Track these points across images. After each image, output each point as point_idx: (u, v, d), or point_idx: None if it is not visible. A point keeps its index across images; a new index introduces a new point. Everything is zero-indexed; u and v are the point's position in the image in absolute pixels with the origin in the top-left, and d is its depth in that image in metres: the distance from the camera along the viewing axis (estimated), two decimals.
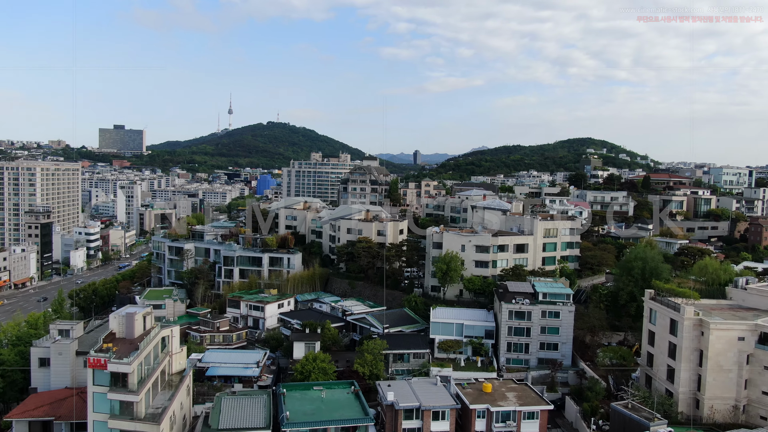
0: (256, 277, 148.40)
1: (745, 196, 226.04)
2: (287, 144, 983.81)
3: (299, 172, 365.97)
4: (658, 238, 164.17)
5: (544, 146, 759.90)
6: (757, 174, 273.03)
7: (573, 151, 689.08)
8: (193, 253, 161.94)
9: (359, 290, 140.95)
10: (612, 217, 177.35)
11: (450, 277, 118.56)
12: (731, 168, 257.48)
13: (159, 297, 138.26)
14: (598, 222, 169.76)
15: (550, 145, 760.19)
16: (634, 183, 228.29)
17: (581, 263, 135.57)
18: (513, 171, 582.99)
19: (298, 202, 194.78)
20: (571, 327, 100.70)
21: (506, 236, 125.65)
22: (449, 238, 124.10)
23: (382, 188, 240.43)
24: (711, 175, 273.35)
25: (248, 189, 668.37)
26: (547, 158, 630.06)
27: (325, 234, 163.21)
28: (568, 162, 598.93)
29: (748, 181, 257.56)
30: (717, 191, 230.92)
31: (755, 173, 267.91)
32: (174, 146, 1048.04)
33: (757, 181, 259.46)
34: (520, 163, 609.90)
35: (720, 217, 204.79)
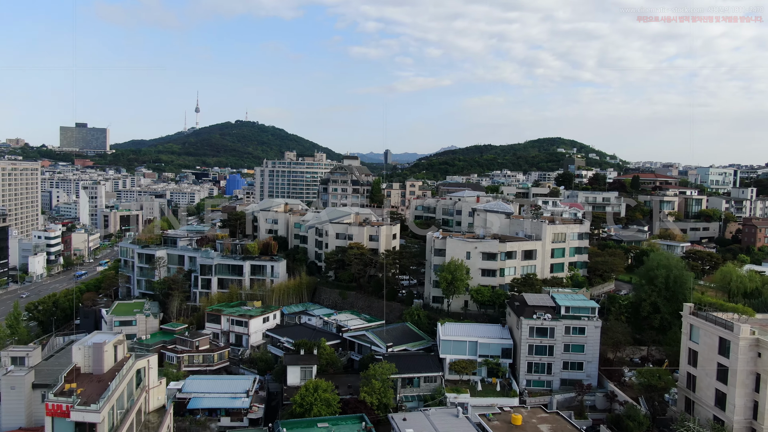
0: (236, 288, 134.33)
1: (732, 196, 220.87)
2: (256, 143, 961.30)
3: (273, 171, 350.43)
4: (659, 241, 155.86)
5: (514, 146, 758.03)
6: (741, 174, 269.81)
7: (543, 151, 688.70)
8: (166, 261, 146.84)
9: (351, 301, 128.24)
10: (612, 220, 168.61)
11: (455, 287, 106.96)
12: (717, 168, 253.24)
13: (129, 311, 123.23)
14: (597, 224, 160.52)
15: (520, 145, 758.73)
16: (623, 183, 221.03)
17: (589, 270, 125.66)
18: (486, 170, 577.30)
19: (278, 203, 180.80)
20: (597, 344, 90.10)
21: (514, 242, 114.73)
22: (453, 245, 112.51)
23: (364, 189, 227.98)
24: (698, 174, 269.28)
25: (217, 189, 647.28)
26: (519, 157, 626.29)
27: (311, 239, 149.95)
28: (541, 161, 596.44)
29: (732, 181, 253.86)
30: (704, 191, 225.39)
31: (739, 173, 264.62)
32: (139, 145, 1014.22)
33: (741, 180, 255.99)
34: (493, 162, 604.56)
35: (711, 218, 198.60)
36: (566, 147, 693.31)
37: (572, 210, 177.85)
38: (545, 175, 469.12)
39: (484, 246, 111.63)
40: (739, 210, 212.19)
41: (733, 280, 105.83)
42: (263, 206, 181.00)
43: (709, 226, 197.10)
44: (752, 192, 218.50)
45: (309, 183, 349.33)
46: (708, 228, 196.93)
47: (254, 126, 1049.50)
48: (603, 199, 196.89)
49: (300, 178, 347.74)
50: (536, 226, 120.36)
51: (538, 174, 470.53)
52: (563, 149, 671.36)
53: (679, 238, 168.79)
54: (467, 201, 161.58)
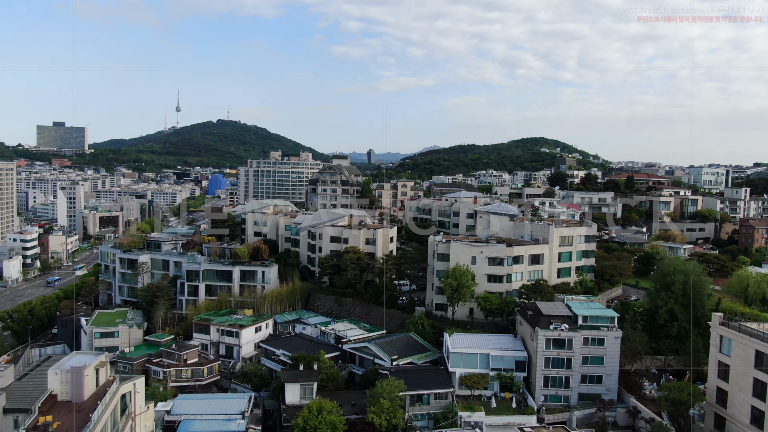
0: (225, 295, 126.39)
1: (726, 197, 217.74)
2: (238, 142, 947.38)
3: (258, 171, 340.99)
4: (661, 243, 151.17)
5: (498, 145, 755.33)
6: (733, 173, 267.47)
7: (527, 150, 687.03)
8: (149, 267, 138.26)
9: (348, 308, 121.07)
10: (612, 221, 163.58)
11: (461, 294, 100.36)
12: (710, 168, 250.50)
13: (110, 322, 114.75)
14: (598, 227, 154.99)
15: (504, 144, 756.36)
16: (617, 183, 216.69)
17: (596, 274, 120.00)
18: (471, 170, 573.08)
19: (267, 205, 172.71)
20: (617, 356, 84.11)
21: (521, 246, 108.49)
22: (458, 249, 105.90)
23: (353, 189, 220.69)
24: (690, 174, 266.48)
25: (199, 189, 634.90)
26: (503, 157, 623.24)
27: (303, 242, 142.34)
28: (525, 161, 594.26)
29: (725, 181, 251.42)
30: (698, 191, 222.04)
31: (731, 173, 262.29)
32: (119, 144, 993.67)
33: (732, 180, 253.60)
34: (477, 162, 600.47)
35: (707, 219, 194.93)
36: (550, 147, 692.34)
37: (570, 211, 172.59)
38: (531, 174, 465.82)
39: (490, 250, 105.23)
40: (734, 210, 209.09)
41: (750, 284, 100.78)
42: (251, 208, 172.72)
43: (705, 227, 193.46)
44: (746, 192, 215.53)
45: (295, 183, 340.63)
46: (704, 229, 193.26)
47: (236, 125, 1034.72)
48: (599, 200, 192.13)
49: (285, 178, 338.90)
50: (542, 229, 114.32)
51: (525, 174, 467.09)
52: (547, 149, 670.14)
53: (680, 240, 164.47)
54: (464, 202, 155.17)
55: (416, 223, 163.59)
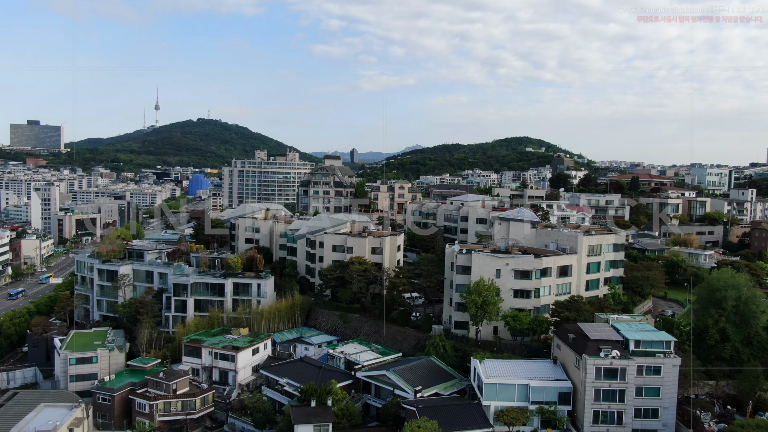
0: (217, 311, 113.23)
1: (732, 198, 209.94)
2: (219, 142, 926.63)
3: (242, 172, 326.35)
4: (683, 249, 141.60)
5: (482, 144, 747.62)
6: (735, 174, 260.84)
7: (512, 150, 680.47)
8: (131, 279, 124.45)
9: (354, 326, 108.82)
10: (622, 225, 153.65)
11: (487, 312, 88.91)
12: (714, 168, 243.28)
13: (88, 344, 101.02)
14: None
15: (488, 144, 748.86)
16: (620, 184, 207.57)
17: (624, 286, 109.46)
18: (458, 170, 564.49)
19: (258, 209, 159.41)
20: (674, 386, 73.31)
21: (549, 257, 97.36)
22: (481, 262, 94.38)
23: (347, 191, 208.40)
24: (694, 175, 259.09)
25: (180, 189, 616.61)
26: (489, 157, 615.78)
27: (301, 251, 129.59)
28: (511, 161, 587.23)
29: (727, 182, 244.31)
30: (702, 192, 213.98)
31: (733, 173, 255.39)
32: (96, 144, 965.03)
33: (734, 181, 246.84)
34: (463, 162, 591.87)
35: (716, 221, 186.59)
36: (534, 146, 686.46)
37: (579, 214, 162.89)
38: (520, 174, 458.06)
39: (517, 262, 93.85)
40: (741, 212, 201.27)
41: None
42: (241, 212, 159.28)
43: (713, 230, 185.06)
44: (752, 194, 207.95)
45: (282, 184, 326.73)
46: (713, 232, 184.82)
47: (217, 124, 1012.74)
48: (606, 202, 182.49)
49: (272, 178, 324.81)
50: (569, 237, 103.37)
51: (513, 174, 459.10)
52: (532, 148, 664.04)
53: (696, 245, 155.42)
54: (473, 206, 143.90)
55: (419, 228, 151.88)
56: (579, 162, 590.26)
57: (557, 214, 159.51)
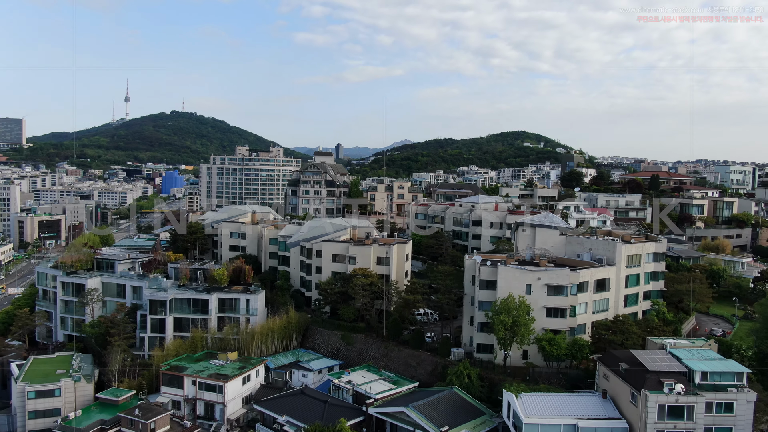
0: (201, 331, 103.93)
1: (758, 198, 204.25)
2: (195, 136, 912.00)
3: (222, 169, 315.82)
4: (719, 256, 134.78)
5: (477, 139, 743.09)
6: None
7: (508, 145, 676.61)
8: (101, 294, 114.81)
9: (359, 348, 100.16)
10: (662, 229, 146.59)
11: (518, 335, 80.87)
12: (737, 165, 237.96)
13: (50, 374, 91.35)
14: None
15: (483, 139, 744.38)
16: (638, 183, 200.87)
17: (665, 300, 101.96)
18: (451, 166, 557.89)
19: (244, 212, 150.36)
20: (749, 425, 65.62)
21: (586, 269, 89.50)
22: (508, 275, 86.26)
23: (340, 191, 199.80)
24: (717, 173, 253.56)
25: (152, 187, 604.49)
26: (485, 152, 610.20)
27: (295, 260, 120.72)
28: (508, 157, 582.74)
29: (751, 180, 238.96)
30: (726, 192, 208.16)
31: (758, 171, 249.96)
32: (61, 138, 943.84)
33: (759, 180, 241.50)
34: (458, 158, 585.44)
35: (744, 224, 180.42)
36: (532, 141, 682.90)
37: (600, 217, 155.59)
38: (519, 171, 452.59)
39: (550, 276, 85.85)
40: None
41: None
42: (224, 215, 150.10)
43: (741, 233, 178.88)
44: None
45: (265, 182, 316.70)
46: (741, 235, 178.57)
47: (192, 117, 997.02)
48: (626, 203, 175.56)
49: (254, 176, 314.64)
50: (606, 246, 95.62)
51: (512, 171, 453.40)
52: (529, 143, 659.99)
53: (729, 250, 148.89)
54: (486, 209, 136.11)
55: (425, 233, 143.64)
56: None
57: (575, 217, 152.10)
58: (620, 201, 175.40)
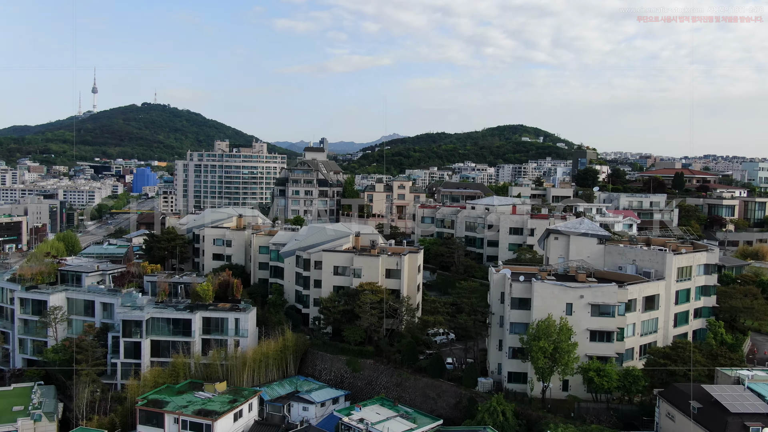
0: (183, 357, 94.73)
1: None
2: (168, 130, 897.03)
3: (200, 166, 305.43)
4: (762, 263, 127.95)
5: (471, 134, 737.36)
6: None
7: (505, 140, 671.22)
8: (66, 312, 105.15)
9: (368, 375, 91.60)
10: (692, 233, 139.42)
11: (560, 364, 72.82)
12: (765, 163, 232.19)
13: (4, 411, 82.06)
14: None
15: (478, 133, 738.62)
16: (660, 182, 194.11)
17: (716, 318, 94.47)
18: (446, 162, 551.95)
19: (228, 216, 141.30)
20: None
21: (634, 284, 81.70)
22: (545, 293, 78.22)
23: (333, 191, 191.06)
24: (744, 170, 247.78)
25: (122, 185, 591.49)
26: (482, 147, 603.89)
27: (289, 272, 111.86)
28: (507, 152, 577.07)
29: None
30: (754, 191, 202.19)
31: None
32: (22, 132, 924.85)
33: None
34: (453, 153, 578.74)
35: None
36: (530, 136, 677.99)
37: (627, 220, 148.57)
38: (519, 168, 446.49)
39: (595, 294, 77.87)
40: None
41: None
42: (206, 219, 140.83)
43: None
44: None
45: (247, 181, 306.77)
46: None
47: (165, 110, 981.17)
48: (651, 204, 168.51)
49: (235, 174, 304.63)
50: (653, 256, 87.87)
51: (512, 168, 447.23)
52: (528, 138, 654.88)
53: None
54: (502, 212, 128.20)
55: (433, 240, 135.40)
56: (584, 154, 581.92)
57: (598, 220, 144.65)
58: (644, 202, 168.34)
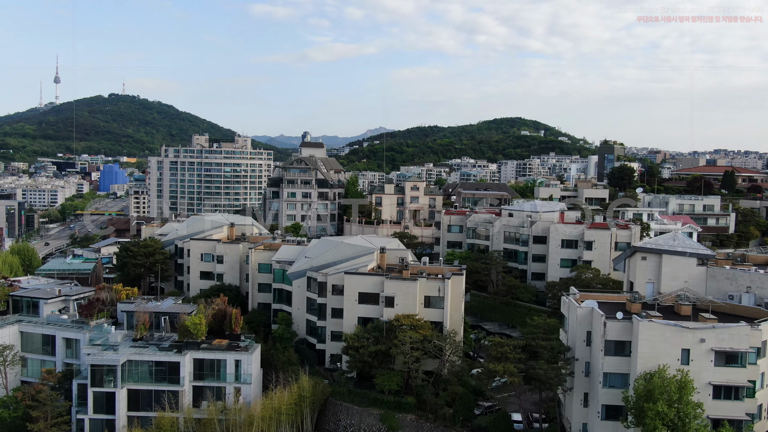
0: (170, 412, 77.86)
1: None
2: (138, 123, 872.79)
3: (176, 163, 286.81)
4: None
5: (467, 127, 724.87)
6: None
7: (504, 133, 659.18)
8: (18, 351, 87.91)
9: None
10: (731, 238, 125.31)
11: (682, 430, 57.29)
12: None
13: None
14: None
15: (474, 126, 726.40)
16: (708, 182, 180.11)
17: None
18: (442, 158, 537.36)
19: (218, 224, 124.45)
20: None
21: (765, 321, 66.22)
22: (654, 335, 62.54)
23: (334, 192, 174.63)
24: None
25: (88, 184, 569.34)
26: (479, 142, 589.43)
27: (299, 297, 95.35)
28: (507, 147, 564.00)
29: None
30: None
31: None
32: None
33: None
34: (449, 148, 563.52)
35: None
36: (529, 129, 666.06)
37: (686, 228, 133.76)
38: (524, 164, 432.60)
39: (720, 337, 62.27)
40: None
41: None
42: (192, 229, 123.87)
43: None
44: None
45: (230, 180, 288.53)
46: None
47: (135, 101, 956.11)
48: (705, 208, 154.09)
49: (216, 172, 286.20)
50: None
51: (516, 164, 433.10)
52: (527, 132, 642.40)
53: None
54: (546, 220, 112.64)
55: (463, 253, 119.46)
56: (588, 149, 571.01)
57: (654, 228, 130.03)
58: (696, 205, 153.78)
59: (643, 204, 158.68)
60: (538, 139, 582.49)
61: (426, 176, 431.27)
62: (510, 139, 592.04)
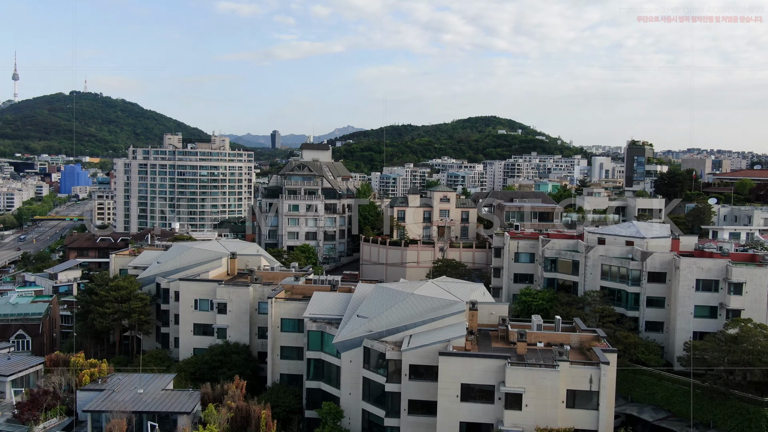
0: None
1: None
2: (101, 121, 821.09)
3: (145, 165, 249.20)
4: None
5: (441, 126, 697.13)
6: None
7: (478, 132, 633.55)
8: None
9: None
10: None
11: None
12: None
13: None
14: None
15: (448, 125, 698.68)
16: (758, 190, 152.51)
17: None
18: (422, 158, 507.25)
19: (218, 255, 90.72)
20: None
21: None
22: None
23: (343, 204, 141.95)
24: None
25: (48, 186, 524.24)
26: (459, 141, 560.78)
27: (350, 375, 62.64)
28: (487, 146, 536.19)
29: None
30: None
31: None
32: None
33: None
34: (428, 148, 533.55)
35: None
36: (506, 128, 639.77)
37: None
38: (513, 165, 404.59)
39: None
40: None
41: None
42: (178, 262, 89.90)
43: None
44: None
45: (206, 185, 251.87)
46: None
47: (97, 99, 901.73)
48: (764, 220, 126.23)
49: (191, 176, 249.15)
50: None
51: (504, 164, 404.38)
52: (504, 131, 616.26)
53: None
54: (654, 247, 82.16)
55: (543, 293, 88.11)
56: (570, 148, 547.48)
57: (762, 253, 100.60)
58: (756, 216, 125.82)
59: (719, 218, 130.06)
60: (518, 138, 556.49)
61: (410, 177, 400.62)
62: (489, 138, 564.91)
